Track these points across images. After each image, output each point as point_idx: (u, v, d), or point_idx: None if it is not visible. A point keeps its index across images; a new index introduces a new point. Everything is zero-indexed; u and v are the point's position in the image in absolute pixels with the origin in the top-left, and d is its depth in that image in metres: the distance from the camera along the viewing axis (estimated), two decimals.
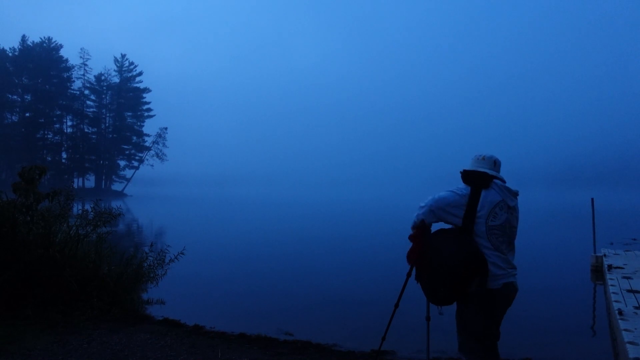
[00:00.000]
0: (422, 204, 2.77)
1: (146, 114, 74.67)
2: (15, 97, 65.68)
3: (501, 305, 2.64)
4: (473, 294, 2.54)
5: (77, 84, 69.76)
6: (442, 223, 2.78)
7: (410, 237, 2.84)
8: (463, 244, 2.55)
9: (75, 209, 6.38)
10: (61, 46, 68.57)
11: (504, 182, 2.78)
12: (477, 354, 2.65)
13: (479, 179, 2.67)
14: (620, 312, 5.09)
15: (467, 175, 2.72)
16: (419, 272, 2.79)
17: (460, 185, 2.73)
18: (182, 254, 6.13)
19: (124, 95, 72.69)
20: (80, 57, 69.04)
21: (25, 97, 66.33)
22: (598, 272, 9.51)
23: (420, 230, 2.79)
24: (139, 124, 74.59)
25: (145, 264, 6.14)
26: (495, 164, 2.80)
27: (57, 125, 68.75)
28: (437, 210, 2.69)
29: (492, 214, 2.60)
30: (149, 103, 74.85)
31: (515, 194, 2.75)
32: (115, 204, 7.58)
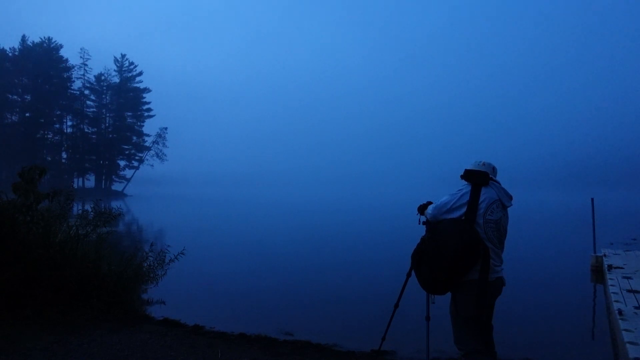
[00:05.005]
0: (430, 209, 3.08)
1: (146, 114, 74.75)
2: (15, 97, 65.65)
3: (491, 296, 2.90)
4: (473, 282, 2.76)
5: (77, 84, 70.01)
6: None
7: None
8: (465, 234, 2.77)
9: (75, 209, 6.38)
10: (61, 46, 68.61)
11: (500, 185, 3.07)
12: (472, 345, 2.82)
13: (480, 177, 2.95)
14: (620, 312, 5.10)
15: (470, 173, 2.99)
16: (420, 259, 2.99)
17: (460, 186, 3.01)
18: (182, 254, 6.13)
19: (124, 95, 72.68)
20: (80, 57, 69.36)
21: (25, 97, 66.28)
22: (598, 272, 9.51)
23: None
24: (139, 124, 74.61)
25: (145, 264, 6.14)
26: (494, 169, 3.08)
27: (57, 125, 68.88)
28: (438, 215, 3.00)
29: (490, 209, 2.88)
30: (149, 103, 74.98)
31: (510, 197, 3.04)
32: (115, 204, 7.59)
